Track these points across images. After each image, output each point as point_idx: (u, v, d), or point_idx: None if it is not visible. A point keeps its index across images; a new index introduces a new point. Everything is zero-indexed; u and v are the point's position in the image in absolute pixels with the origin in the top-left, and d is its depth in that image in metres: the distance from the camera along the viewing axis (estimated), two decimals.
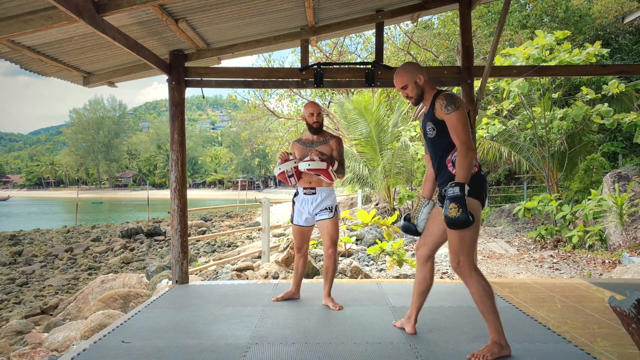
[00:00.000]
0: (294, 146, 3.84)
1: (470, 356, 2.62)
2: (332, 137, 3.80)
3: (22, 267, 12.29)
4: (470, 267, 2.62)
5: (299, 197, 3.76)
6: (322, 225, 3.71)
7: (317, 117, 3.72)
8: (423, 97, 2.81)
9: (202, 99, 69.24)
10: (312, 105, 3.76)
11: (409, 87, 2.79)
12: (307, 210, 3.71)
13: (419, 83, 2.78)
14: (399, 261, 6.18)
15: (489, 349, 2.60)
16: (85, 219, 30.39)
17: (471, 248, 2.62)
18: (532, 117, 10.11)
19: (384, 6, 4.76)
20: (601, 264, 6.82)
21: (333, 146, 3.74)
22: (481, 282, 2.61)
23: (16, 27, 3.02)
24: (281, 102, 18.01)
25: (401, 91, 2.84)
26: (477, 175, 2.64)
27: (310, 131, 3.78)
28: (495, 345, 2.61)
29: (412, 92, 2.79)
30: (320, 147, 3.70)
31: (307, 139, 3.80)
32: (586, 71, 5.22)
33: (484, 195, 2.65)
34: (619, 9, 17.00)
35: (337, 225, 3.75)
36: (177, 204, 4.56)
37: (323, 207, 3.69)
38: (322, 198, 3.70)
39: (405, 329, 3.10)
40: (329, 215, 3.68)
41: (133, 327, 3.27)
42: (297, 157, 3.72)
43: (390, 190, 11.83)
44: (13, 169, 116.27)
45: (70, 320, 5.89)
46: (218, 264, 7.03)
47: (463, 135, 2.56)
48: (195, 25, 4.13)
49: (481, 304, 2.61)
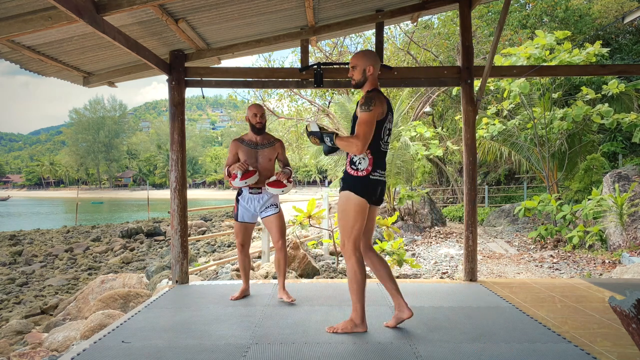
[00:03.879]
0: (237, 146, 3.91)
1: (329, 328, 3.09)
2: (277, 140, 3.99)
3: (22, 267, 12.29)
4: (352, 251, 2.99)
5: (244, 196, 3.92)
6: (270, 221, 3.90)
7: (261, 118, 3.88)
8: (362, 86, 3.03)
9: (202, 99, 69.40)
10: (256, 107, 3.92)
11: (357, 69, 3.00)
12: (253, 208, 3.91)
13: (367, 73, 2.99)
14: (399, 261, 6.18)
15: (345, 324, 3.08)
16: (85, 219, 30.38)
17: (352, 234, 2.97)
18: (532, 117, 10.11)
19: (384, 6, 4.76)
20: (601, 264, 6.82)
21: (279, 150, 3.97)
22: (355, 268, 2.97)
23: (16, 27, 3.01)
24: (281, 102, 18.00)
25: (350, 69, 3.04)
26: (366, 177, 2.95)
27: (253, 131, 3.90)
28: (350, 322, 3.07)
29: (358, 76, 3.01)
30: (266, 150, 3.89)
31: (251, 140, 3.92)
32: (586, 71, 5.21)
33: (369, 195, 2.97)
34: (619, 9, 17.01)
35: (284, 220, 3.98)
36: (177, 204, 4.57)
37: (269, 204, 3.91)
38: (268, 196, 3.91)
39: (403, 317, 3.11)
40: (276, 211, 3.91)
41: (133, 327, 3.27)
42: (242, 159, 3.85)
43: (390, 190, 11.82)
44: (13, 169, 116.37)
45: (70, 320, 5.89)
46: (218, 264, 7.03)
47: (363, 131, 2.83)
48: (195, 25, 4.13)
49: (350, 285, 3.01)
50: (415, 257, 8.05)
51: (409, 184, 14.05)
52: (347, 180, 2.99)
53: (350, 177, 2.97)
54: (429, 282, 5.00)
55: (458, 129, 16.69)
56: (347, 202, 2.97)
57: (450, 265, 7.25)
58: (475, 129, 4.73)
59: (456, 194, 17.95)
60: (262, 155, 3.89)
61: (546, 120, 9.84)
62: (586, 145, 11.43)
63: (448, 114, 18.64)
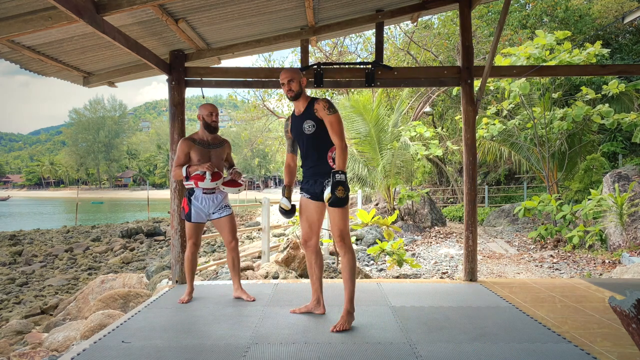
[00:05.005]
0: (189, 145, 3.81)
1: (333, 328, 3.07)
2: (225, 141, 4.00)
3: (22, 267, 12.30)
4: (350, 243, 3.22)
5: (197, 196, 3.86)
6: (224, 221, 3.92)
7: (216, 117, 3.89)
8: (300, 96, 3.25)
9: (202, 99, 69.46)
10: (211, 106, 3.91)
11: (294, 82, 3.21)
12: (207, 209, 3.89)
13: (302, 84, 3.27)
14: (399, 261, 6.18)
15: (346, 320, 3.12)
16: (85, 219, 30.39)
17: (348, 227, 3.22)
18: (532, 117, 10.11)
19: (384, 6, 4.76)
20: (601, 264, 6.82)
21: (227, 150, 4.00)
22: (354, 257, 3.21)
23: (16, 27, 3.02)
24: (281, 102, 18.00)
25: (286, 84, 3.22)
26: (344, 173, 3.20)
27: (208, 130, 3.87)
28: (349, 315, 3.16)
29: (296, 87, 3.22)
30: (218, 150, 3.90)
31: (203, 140, 3.89)
32: (586, 71, 5.21)
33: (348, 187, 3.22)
34: (619, 9, 17.01)
35: (235, 219, 4.02)
36: (177, 204, 4.57)
37: (223, 205, 3.94)
38: (222, 196, 3.93)
39: (316, 312, 3.44)
40: (229, 212, 3.95)
41: (133, 327, 3.27)
42: (196, 159, 3.80)
43: (390, 190, 11.81)
44: (13, 169, 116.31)
45: (70, 320, 5.90)
46: (218, 264, 7.02)
47: (342, 132, 3.12)
48: (195, 25, 4.13)
49: (350, 273, 3.16)
50: (415, 257, 8.05)
51: (409, 184, 14.05)
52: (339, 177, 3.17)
53: None
54: (429, 282, 5.00)
55: (458, 129, 16.69)
56: None
57: (450, 265, 7.25)
58: (475, 129, 4.73)
59: (456, 194, 17.95)
60: (215, 155, 3.88)
61: (546, 120, 9.84)
62: (586, 145, 11.43)
63: (448, 114, 18.64)
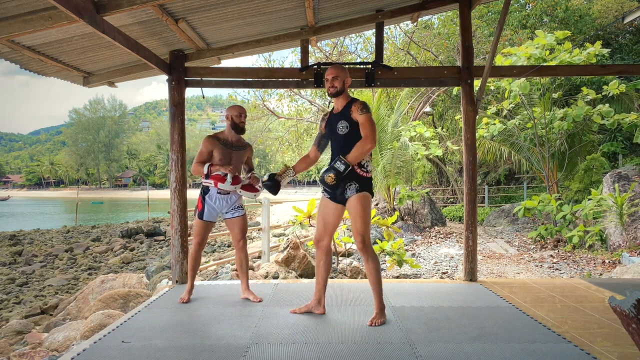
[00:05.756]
0: (213, 144, 3.82)
1: (370, 322, 3.22)
2: (248, 145, 4.04)
3: (22, 267, 12.29)
4: (372, 247, 3.29)
5: (212, 195, 3.88)
6: (236, 222, 3.94)
7: (244, 118, 3.91)
8: (341, 95, 3.31)
9: (202, 99, 69.86)
10: (240, 107, 3.91)
11: (339, 79, 3.29)
12: (219, 208, 3.92)
13: (346, 84, 3.33)
14: (399, 261, 6.18)
15: (380, 316, 3.27)
16: (85, 219, 30.38)
17: (369, 232, 3.26)
18: (532, 117, 10.10)
19: (384, 6, 4.76)
20: (601, 264, 6.82)
21: (249, 154, 4.04)
22: (377, 262, 3.29)
23: (16, 27, 3.01)
24: (281, 102, 17.98)
25: (330, 80, 3.30)
26: (371, 178, 3.32)
27: (235, 131, 3.88)
28: (382, 311, 3.30)
29: (339, 85, 3.30)
30: (240, 152, 3.92)
31: (227, 140, 3.89)
32: (586, 71, 5.21)
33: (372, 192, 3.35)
34: (619, 9, 17.01)
35: (247, 220, 4.06)
36: (177, 204, 4.57)
37: (237, 206, 3.96)
38: (236, 197, 3.95)
39: (316, 312, 3.48)
40: (242, 213, 3.98)
41: (133, 327, 3.27)
42: (217, 158, 3.80)
43: (390, 190, 11.81)
44: (13, 169, 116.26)
45: (70, 320, 5.90)
46: (218, 264, 7.02)
47: (372, 132, 3.16)
48: (195, 25, 4.13)
49: (376, 277, 3.25)
50: (415, 257, 8.05)
51: (409, 184, 14.05)
52: (361, 182, 3.24)
53: (363, 179, 3.24)
54: (429, 282, 5.00)
55: (458, 129, 16.69)
56: (366, 203, 3.24)
57: (450, 265, 7.25)
58: (475, 129, 4.73)
59: (456, 194, 17.95)
60: (236, 157, 3.90)
61: (546, 120, 9.84)
62: (586, 145, 11.43)
63: (448, 114, 18.63)
